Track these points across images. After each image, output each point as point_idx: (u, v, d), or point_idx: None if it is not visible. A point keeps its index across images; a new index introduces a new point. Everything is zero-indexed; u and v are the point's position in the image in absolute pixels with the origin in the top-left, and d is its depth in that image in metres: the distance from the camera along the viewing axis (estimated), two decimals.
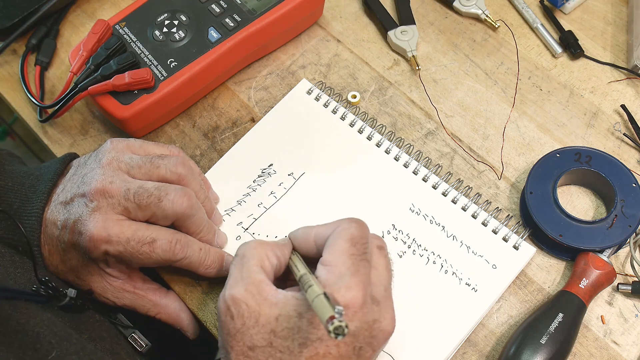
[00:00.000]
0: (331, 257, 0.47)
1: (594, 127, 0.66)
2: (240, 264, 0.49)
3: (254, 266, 0.48)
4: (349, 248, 0.47)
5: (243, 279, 0.47)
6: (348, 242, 0.48)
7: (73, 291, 0.53)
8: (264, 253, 0.49)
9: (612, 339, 0.57)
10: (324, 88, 0.68)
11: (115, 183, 0.53)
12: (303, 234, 0.52)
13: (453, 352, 0.56)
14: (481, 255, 0.59)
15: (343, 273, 0.46)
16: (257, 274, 0.48)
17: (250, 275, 0.48)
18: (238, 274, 0.48)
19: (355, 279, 0.46)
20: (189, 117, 0.69)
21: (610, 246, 0.58)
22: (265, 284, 0.47)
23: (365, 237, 0.49)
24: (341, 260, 0.47)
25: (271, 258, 0.50)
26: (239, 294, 0.46)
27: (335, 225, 0.50)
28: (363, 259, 0.48)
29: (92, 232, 0.52)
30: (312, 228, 0.51)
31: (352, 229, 0.48)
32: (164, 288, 0.59)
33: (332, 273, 0.46)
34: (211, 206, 0.60)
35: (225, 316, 0.46)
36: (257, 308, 0.46)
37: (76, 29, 0.76)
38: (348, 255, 0.47)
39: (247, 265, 0.48)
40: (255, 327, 0.45)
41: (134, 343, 0.58)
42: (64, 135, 0.69)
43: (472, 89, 0.69)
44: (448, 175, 0.63)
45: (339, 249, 0.47)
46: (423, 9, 0.75)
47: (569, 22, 0.73)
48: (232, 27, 0.67)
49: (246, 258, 0.49)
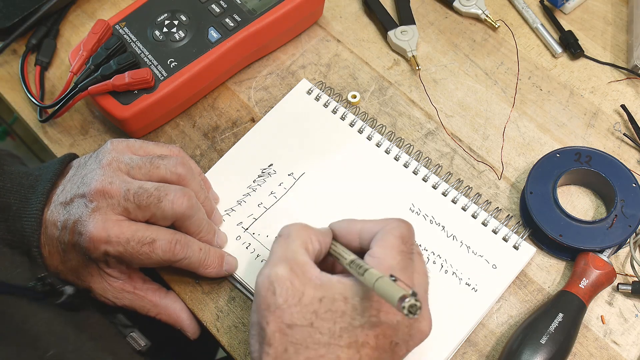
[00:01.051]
0: (382, 250, 0.47)
1: (594, 127, 0.66)
2: (285, 243, 0.49)
3: (298, 247, 0.48)
4: (399, 245, 0.48)
5: (287, 259, 0.47)
6: (399, 238, 0.48)
7: (71, 288, 0.53)
8: (307, 236, 0.49)
9: (612, 339, 0.57)
10: (324, 88, 0.68)
11: (115, 184, 0.53)
12: (347, 226, 0.52)
13: (453, 352, 0.56)
14: (481, 255, 0.59)
15: (393, 266, 0.46)
16: (302, 255, 0.48)
17: (295, 255, 0.47)
18: (282, 253, 0.48)
19: (405, 274, 0.47)
20: (189, 117, 0.69)
21: (610, 246, 0.58)
22: (310, 265, 0.47)
23: (412, 237, 0.50)
24: (391, 254, 0.47)
25: (314, 242, 0.50)
26: (284, 272, 0.46)
27: (384, 222, 0.50)
28: (410, 259, 0.48)
29: (92, 233, 0.52)
30: (358, 222, 0.52)
31: (403, 228, 0.49)
32: (164, 288, 0.59)
33: (382, 265, 0.46)
34: (211, 206, 0.60)
35: (267, 291, 0.46)
36: (301, 288, 0.45)
37: (76, 29, 0.76)
38: (398, 251, 0.47)
39: (291, 245, 0.48)
40: (297, 305, 0.45)
41: (132, 342, 0.58)
42: (64, 135, 0.69)
43: (472, 89, 0.69)
44: (448, 175, 0.63)
45: (390, 244, 0.48)
46: (423, 9, 0.75)
47: (569, 22, 0.73)
48: (232, 27, 0.67)
49: (291, 238, 0.49)
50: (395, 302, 0.41)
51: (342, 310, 0.45)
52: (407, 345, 0.48)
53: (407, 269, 0.47)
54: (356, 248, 0.51)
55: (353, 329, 0.45)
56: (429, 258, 0.59)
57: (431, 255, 0.59)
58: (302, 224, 0.51)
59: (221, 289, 0.60)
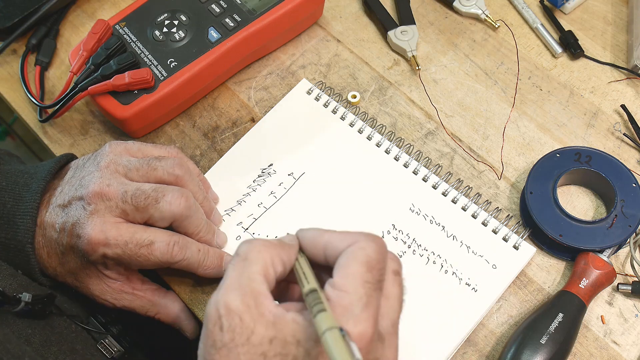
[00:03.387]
0: (343, 281, 0.41)
1: (594, 127, 0.66)
2: (240, 267, 0.42)
3: (255, 274, 0.42)
4: (364, 274, 0.41)
5: (241, 287, 0.41)
6: (364, 265, 0.41)
7: (28, 295, 0.50)
8: (269, 258, 0.43)
9: (612, 339, 0.57)
10: (324, 88, 0.68)
11: (113, 186, 0.53)
12: (312, 238, 0.45)
13: (453, 352, 0.56)
14: (481, 255, 0.59)
15: (354, 303, 0.40)
16: (258, 284, 0.42)
17: (250, 283, 0.42)
18: (236, 280, 0.42)
19: (366, 313, 0.40)
20: (189, 117, 0.69)
21: (610, 246, 0.58)
22: (265, 296, 0.42)
23: (382, 260, 0.43)
24: (353, 286, 0.41)
25: (276, 265, 0.43)
26: (233, 304, 0.41)
27: (350, 239, 0.43)
28: (377, 288, 0.42)
29: (90, 235, 0.52)
30: (324, 233, 0.45)
31: (370, 249, 0.42)
32: (163, 288, 0.59)
33: (342, 300, 0.41)
34: (210, 206, 0.60)
35: (214, 326, 0.41)
36: (251, 324, 0.40)
37: (76, 29, 0.76)
38: (362, 282, 0.41)
39: (247, 270, 0.42)
40: (245, 345, 0.40)
41: (103, 350, 0.57)
42: (64, 135, 0.69)
43: (472, 89, 0.69)
44: (448, 175, 0.63)
45: (353, 273, 0.41)
46: (423, 9, 0.75)
47: (569, 22, 0.73)
48: (232, 27, 0.67)
49: (248, 261, 0.43)
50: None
51: (293, 354, 0.40)
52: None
53: (371, 305, 0.41)
54: (322, 263, 0.45)
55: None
56: (429, 258, 0.59)
57: (431, 255, 0.59)
58: (263, 242, 0.44)
59: None
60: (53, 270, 0.56)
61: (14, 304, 0.50)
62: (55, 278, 0.56)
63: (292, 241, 0.46)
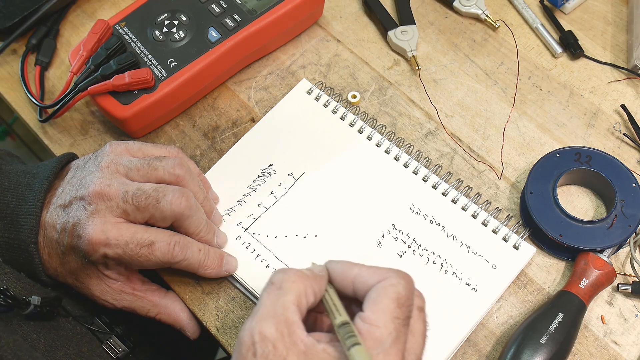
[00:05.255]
0: (374, 316, 0.43)
1: (594, 127, 0.66)
2: (275, 296, 0.44)
3: (290, 303, 0.43)
4: (394, 310, 0.43)
5: (276, 315, 0.42)
6: (394, 302, 0.43)
7: (37, 298, 0.51)
8: (302, 289, 0.44)
9: (612, 339, 0.57)
10: (324, 88, 0.68)
11: (114, 186, 0.53)
12: (342, 271, 0.47)
13: (453, 352, 0.56)
14: (481, 255, 0.59)
15: (384, 338, 0.42)
16: (291, 313, 0.43)
17: (284, 312, 0.43)
18: (271, 308, 0.43)
19: (396, 348, 0.42)
20: (189, 117, 0.69)
21: (610, 246, 0.58)
22: (298, 326, 0.43)
23: (411, 297, 0.44)
24: (383, 321, 0.42)
25: (309, 295, 0.45)
26: (268, 332, 0.42)
27: (380, 275, 0.45)
28: (405, 324, 0.43)
29: (90, 236, 0.52)
30: (354, 267, 0.46)
31: (400, 287, 0.44)
32: (163, 289, 0.59)
33: (373, 334, 0.42)
34: (210, 206, 0.60)
35: (247, 351, 0.42)
36: (284, 352, 0.41)
37: (76, 29, 0.76)
38: (392, 317, 0.43)
39: (282, 300, 0.43)
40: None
41: (109, 351, 0.57)
42: (64, 135, 0.69)
43: (472, 89, 0.69)
44: (448, 175, 0.63)
45: (384, 308, 0.43)
46: (423, 9, 0.75)
47: (569, 22, 0.73)
48: (232, 27, 0.67)
49: (283, 291, 0.44)
50: None
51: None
52: None
53: (399, 340, 0.42)
54: (350, 295, 0.47)
55: None
56: (429, 258, 0.59)
57: (431, 255, 0.59)
58: (298, 272, 0.45)
59: (221, 289, 0.60)
60: (54, 271, 0.56)
61: (23, 307, 0.50)
62: (56, 278, 0.56)
63: (322, 272, 0.47)
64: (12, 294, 0.50)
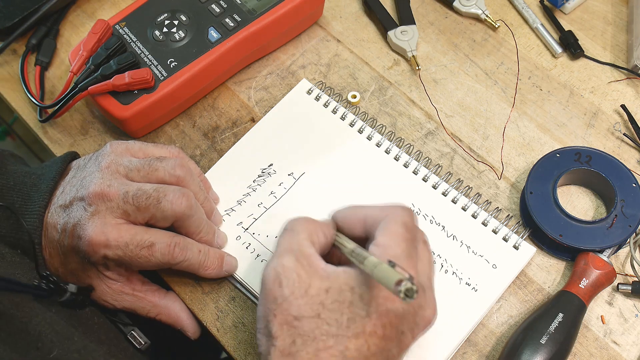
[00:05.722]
0: (386, 239, 0.47)
1: (594, 127, 0.66)
2: (289, 236, 0.49)
3: (304, 240, 0.48)
4: (404, 232, 0.48)
5: (294, 250, 0.47)
6: (403, 226, 0.48)
7: (74, 286, 0.53)
8: (313, 229, 0.49)
9: (612, 339, 0.57)
10: (324, 88, 0.68)
11: (114, 186, 0.53)
12: (351, 213, 0.52)
13: (453, 352, 0.56)
14: (481, 255, 0.59)
15: (398, 255, 0.46)
16: (307, 248, 0.48)
17: (300, 247, 0.48)
18: (288, 245, 0.48)
19: (409, 262, 0.47)
20: (189, 117, 0.69)
21: (610, 246, 0.58)
22: (316, 257, 0.48)
23: (415, 225, 0.50)
24: (396, 242, 0.47)
25: (319, 235, 0.50)
26: (290, 264, 0.46)
27: (388, 210, 0.50)
28: (414, 246, 0.48)
29: (90, 237, 0.52)
30: (361, 208, 0.51)
31: (406, 215, 0.49)
32: (163, 289, 0.59)
33: (387, 254, 0.46)
34: (211, 206, 0.60)
35: (273, 283, 0.46)
36: (307, 279, 0.46)
37: (76, 29, 0.76)
38: (402, 239, 0.47)
39: (297, 237, 0.48)
40: (304, 297, 0.45)
41: (133, 340, 0.58)
42: (64, 135, 0.69)
43: (472, 89, 0.69)
44: (448, 175, 0.63)
45: (394, 232, 0.48)
46: (423, 9, 0.75)
47: (569, 22, 0.73)
48: (232, 27, 0.67)
49: (295, 231, 0.49)
50: (391, 286, 0.41)
51: (349, 300, 0.45)
52: (412, 333, 0.48)
53: (412, 257, 0.47)
54: (360, 235, 0.51)
55: (360, 319, 0.45)
56: None
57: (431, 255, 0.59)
58: (307, 218, 0.51)
59: (221, 289, 0.60)
60: (55, 271, 0.56)
61: (61, 294, 0.52)
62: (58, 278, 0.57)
63: (328, 221, 0.52)
64: (54, 280, 0.51)
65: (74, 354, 0.48)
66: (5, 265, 0.52)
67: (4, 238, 0.55)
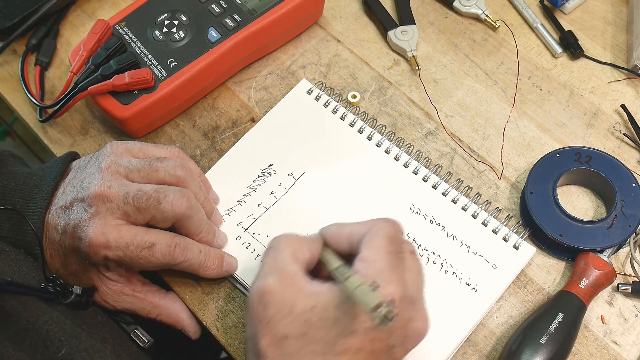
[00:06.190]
0: (370, 253, 0.47)
1: (594, 127, 0.66)
2: (273, 255, 0.48)
3: (287, 258, 0.48)
4: (387, 245, 0.47)
5: (277, 270, 0.47)
6: (386, 239, 0.48)
7: (78, 288, 0.53)
8: (297, 246, 0.49)
9: (612, 339, 0.57)
10: (324, 88, 0.68)
11: (114, 187, 0.53)
12: (336, 230, 0.51)
13: (453, 352, 0.56)
14: (481, 255, 0.59)
15: (382, 268, 0.46)
16: (291, 266, 0.47)
17: (284, 266, 0.47)
18: (272, 265, 0.48)
19: (395, 275, 0.46)
20: (189, 117, 0.69)
21: (610, 246, 0.58)
22: (299, 275, 0.47)
23: (400, 236, 0.49)
24: (379, 255, 0.47)
25: (304, 251, 0.49)
26: (273, 284, 0.46)
27: (371, 223, 0.50)
28: (400, 258, 0.48)
29: (91, 238, 0.52)
30: (346, 225, 0.51)
31: (389, 227, 0.49)
32: (163, 289, 0.59)
33: (371, 268, 0.46)
34: (211, 207, 0.60)
35: (258, 305, 0.46)
36: (292, 298, 0.45)
37: (76, 29, 0.76)
38: (386, 251, 0.47)
39: (280, 256, 0.48)
40: (289, 316, 0.45)
41: (136, 339, 0.58)
42: (64, 135, 0.69)
43: (472, 89, 0.69)
44: (448, 175, 0.63)
45: (377, 245, 0.47)
46: (423, 9, 0.75)
47: (569, 22, 0.73)
48: (232, 27, 0.67)
49: (279, 250, 0.49)
50: (369, 310, 0.41)
51: (334, 317, 0.45)
52: (404, 346, 0.48)
53: (397, 269, 0.47)
54: (346, 252, 0.50)
55: (347, 336, 0.44)
56: (429, 258, 0.59)
57: (431, 255, 0.59)
58: (291, 234, 0.50)
59: (221, 289, 0.60)
60: (56, 271, 0.56)
61: (67, 295, 0.52)
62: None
63: (315, 237, 0.52)
64: (60, 282, 0.51)
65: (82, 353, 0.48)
66: (9, 263, 0.52)
67: (5, 239, 0.55)
